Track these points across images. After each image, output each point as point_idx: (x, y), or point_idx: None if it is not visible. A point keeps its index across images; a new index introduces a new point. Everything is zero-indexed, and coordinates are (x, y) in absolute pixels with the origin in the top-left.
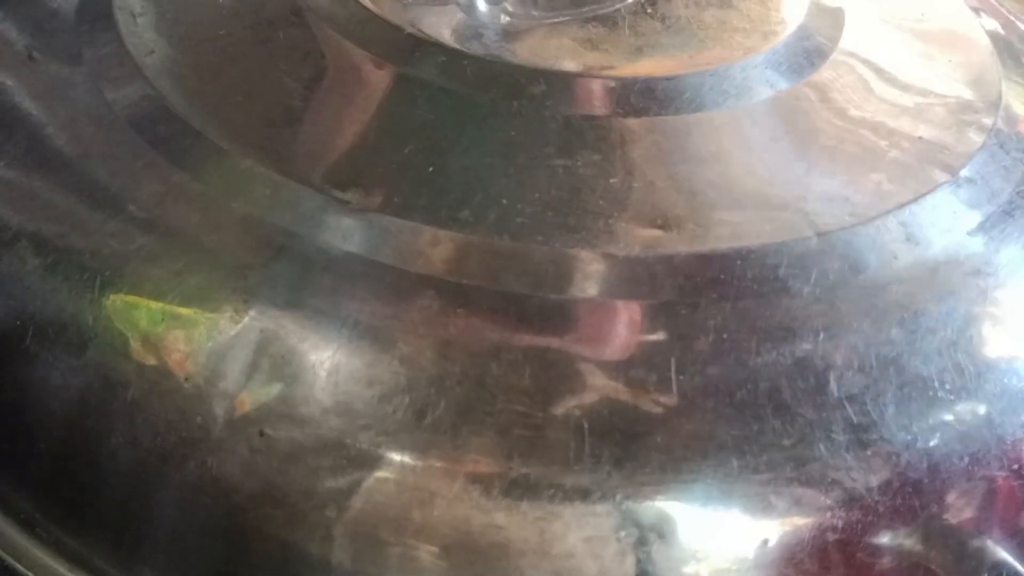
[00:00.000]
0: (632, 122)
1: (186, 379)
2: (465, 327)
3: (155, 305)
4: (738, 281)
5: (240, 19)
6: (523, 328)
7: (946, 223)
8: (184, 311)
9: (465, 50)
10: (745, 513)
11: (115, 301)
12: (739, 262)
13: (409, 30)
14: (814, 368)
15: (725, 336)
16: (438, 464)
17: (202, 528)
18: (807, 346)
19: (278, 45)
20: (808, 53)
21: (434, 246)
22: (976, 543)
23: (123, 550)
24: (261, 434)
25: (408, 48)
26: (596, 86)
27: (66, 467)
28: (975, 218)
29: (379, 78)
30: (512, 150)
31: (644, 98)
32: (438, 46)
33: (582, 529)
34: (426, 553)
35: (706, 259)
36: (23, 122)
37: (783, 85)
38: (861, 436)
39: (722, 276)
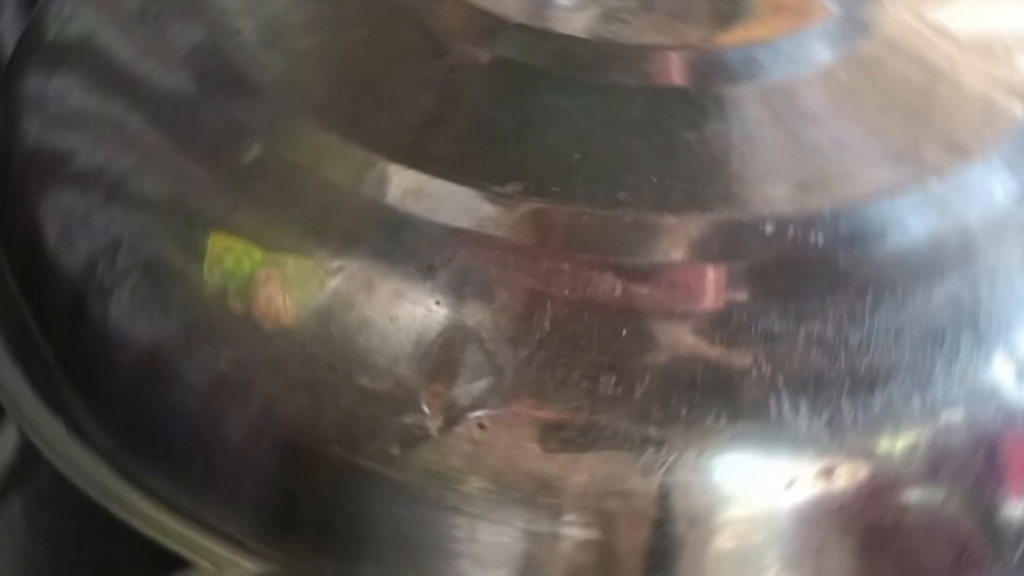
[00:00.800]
0: (742, 89)
1: None
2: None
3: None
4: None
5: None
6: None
7: None
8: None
9: (574, 35)
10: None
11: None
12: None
13: (516, 19)
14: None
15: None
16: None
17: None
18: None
19: (386, 50)
20: None
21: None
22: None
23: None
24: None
25: (516, 38)
26: (701, 57)
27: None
28: None
29: (495, 71)
30: (643, 129)
31: (748, 65)
32: (544, 33)
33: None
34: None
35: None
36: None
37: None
38: None
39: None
